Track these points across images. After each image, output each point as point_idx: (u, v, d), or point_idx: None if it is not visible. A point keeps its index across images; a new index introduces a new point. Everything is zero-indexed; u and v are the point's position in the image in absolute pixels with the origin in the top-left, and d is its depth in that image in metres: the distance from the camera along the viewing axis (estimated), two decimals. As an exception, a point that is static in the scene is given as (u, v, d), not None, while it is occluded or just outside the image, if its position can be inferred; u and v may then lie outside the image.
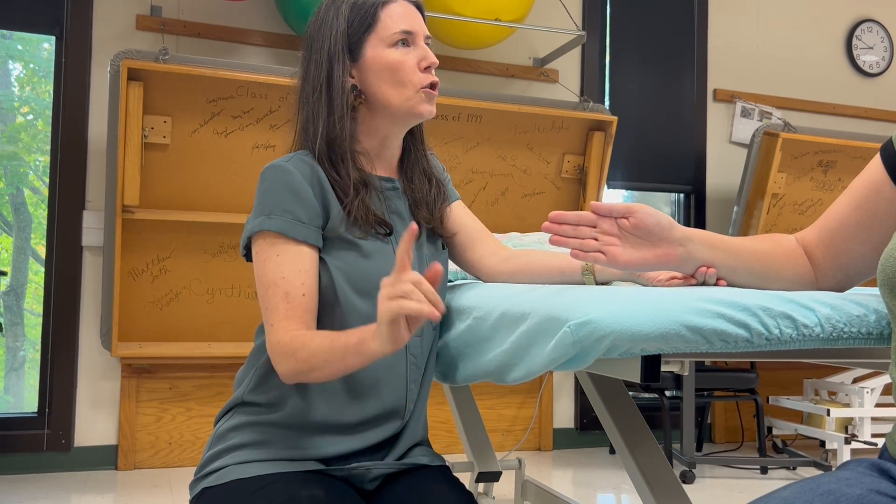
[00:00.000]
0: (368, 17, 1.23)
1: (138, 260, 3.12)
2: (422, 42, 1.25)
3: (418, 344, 1.25)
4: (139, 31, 3.29)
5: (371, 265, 1.19)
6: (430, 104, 1.24)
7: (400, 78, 1.22)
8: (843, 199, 1.05)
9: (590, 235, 1.01)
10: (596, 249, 1.00)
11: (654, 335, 0.84)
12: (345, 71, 1.23)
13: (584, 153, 3.66)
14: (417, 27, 1.24)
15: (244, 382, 1.23)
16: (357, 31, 1.23)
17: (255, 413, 1.19)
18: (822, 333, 0.91)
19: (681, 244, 1.00)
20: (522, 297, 1.05)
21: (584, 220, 1.00)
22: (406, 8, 1.25)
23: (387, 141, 1.27)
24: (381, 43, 1.22)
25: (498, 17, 3.37)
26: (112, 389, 3.23)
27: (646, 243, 1.00)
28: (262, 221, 1.16)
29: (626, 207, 1.01)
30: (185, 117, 3.05)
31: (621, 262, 0.99)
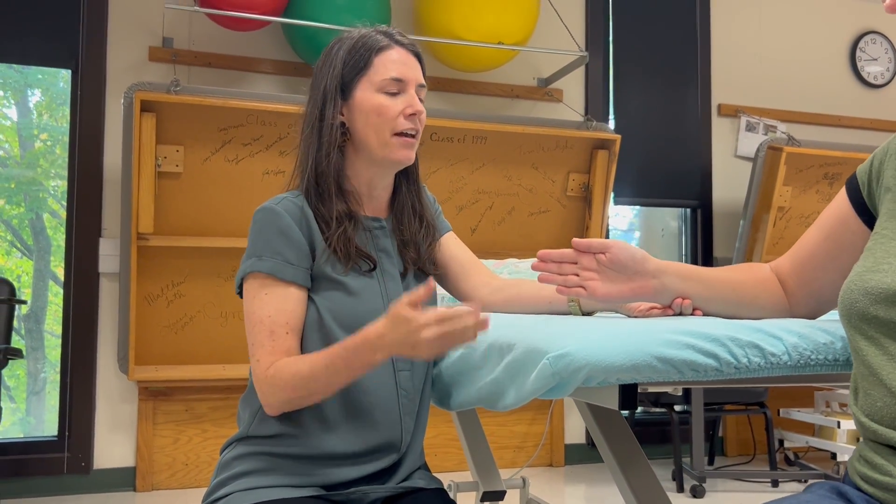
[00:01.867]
0: (363, 60, 1.27)
1: (153, 285, 3.20)
2: (412, 90, 1.28)
3: (409, 378, 1.28)
4: (152, 62, 3.39)
5: (357, 303, 1.23)
6: (407, 150, 1.28)
7: (382, 122, 1.26)
8: (813, 231, 1.09)
9: (572, 271, 1.08)
10: (577, 284, 1.07)
11: (627, 366, 0.89)
12: (335, 109, 1.27)
13: (588, 171, 3.71)
14: (409, 75, 1.28)
15: (246, 419, 1.28)
16: (351, 73, 1.27)
17: (258, 444, 1.24)
18: (790, 361, 0.95)
19: (654, 276, 1.06)
20: (509, 328, 1.10)
21: (567, 257, 1.08)
22: (401, 55, 1.28)
23: (373, 181, 1.32)
24: (371, 86, 1.26)
25: (501, 40, 3.44)
26: (129, 412, 3.31)
27: (622, 276, 1.06)
28: (253, 263, 1.22)
29: (602, 244, 1.07)
30: (197, 146, 3.14)
31: (600, 295, 1.07)
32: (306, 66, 3.54)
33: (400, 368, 1.27)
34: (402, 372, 1.27)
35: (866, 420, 0.89)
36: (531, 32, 3.57)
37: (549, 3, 3.73)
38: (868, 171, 1.03)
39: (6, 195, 3.63)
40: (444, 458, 3.69)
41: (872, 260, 0.92)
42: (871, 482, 0.88)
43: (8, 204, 3.64)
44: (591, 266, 1.07)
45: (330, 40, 3.47)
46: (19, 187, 3.63)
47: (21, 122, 3.68)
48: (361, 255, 1.26)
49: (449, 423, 3.70)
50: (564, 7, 3.93)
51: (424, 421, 1.33)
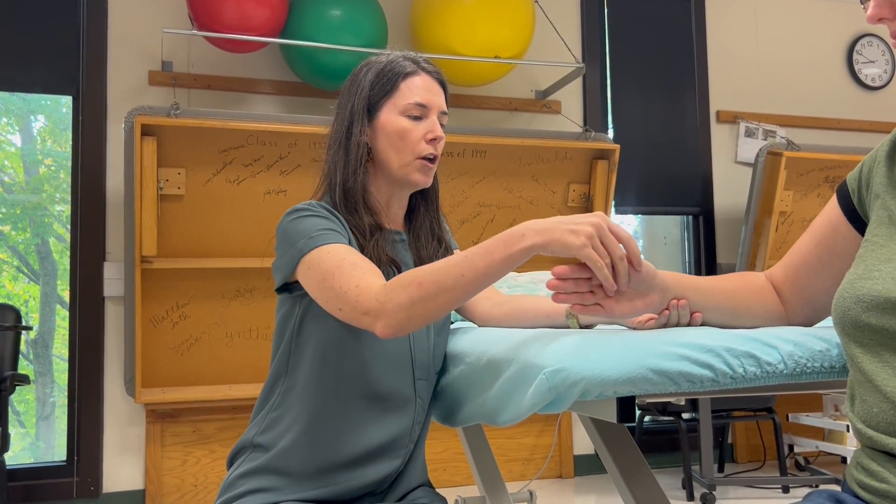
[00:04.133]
0: (390, 83, 1.32)
1: (158, 307, 3.22)
2: (434, 116, 1.33)
3: (425, 388, 1.32)
4: (152, 86, 3.42)
5: None
6: (423, 175, 1.33)
7: (403, 145, 1.31)
8: (805, 238, 1.10)
9: (587, 289, 1.04)
10: (593, 303, 1.04)
11: (622, 380, 0.90)
12: (362, 129, 1.33)
13: (588, 182, 3.72)
14: (433, 101, 1.33)
15: (255, 422, 1.29)
16: (377, 95, 1.32)
17: (262, 456, 1.25)
18: (786, 370, 0.96)
19: (660, 290, 1.06)
20: (506, 343, 1.11)
21: (582, 274, 1.03)
22: (427, 82, 1.34)
23: (391, 199, 1.37)
24: (395, 109, 1.31)
25: (498, 54, 3.46)
26: (137, 435, 3.31)
27: (633, 292, 1.05)
28: (305, 242, 1.20)
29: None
30: (199, 168, 3.16)
31: (617, 315, 1.04)
32: (305, 85, 3.56)
33: (419, 377, 1.29)
34: (420, 381, 1.30)
35: (863, 427, 0.89)
36: (528, 45, 3.59)
37: (545, 16, 3.75)
38: (858, 178, 1.04)
39: (12, 221, 3.65)
40: (453, 472, 3.69)
41: (864, 267, 0.92)
42: (868, 489, 0.88)
43: (14, 230, 3.67)
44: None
45: (327, 60, 3.51)
46: (25, 212, 3.66)
47: (25, 147, 3.72)
48: (393, 263, 1.29)
49: (455, 437, 3.70)
50: (560, 19, 3.95)
51: (426, 435, 1.34)
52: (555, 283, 1.01)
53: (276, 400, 1.27)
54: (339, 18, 3.24)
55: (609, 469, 1.44)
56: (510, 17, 3.45)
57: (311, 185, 3.49)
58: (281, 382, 1.28)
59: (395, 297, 1.07)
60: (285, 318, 1.30)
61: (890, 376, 0.86)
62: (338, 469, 1.24)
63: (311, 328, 1.26)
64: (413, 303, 1.06)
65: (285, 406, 1.26)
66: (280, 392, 1.28)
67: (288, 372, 1.28)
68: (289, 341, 1.28)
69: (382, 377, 1.26)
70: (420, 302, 1.06)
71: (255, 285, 3.33)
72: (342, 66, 3.33)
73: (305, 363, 1.26)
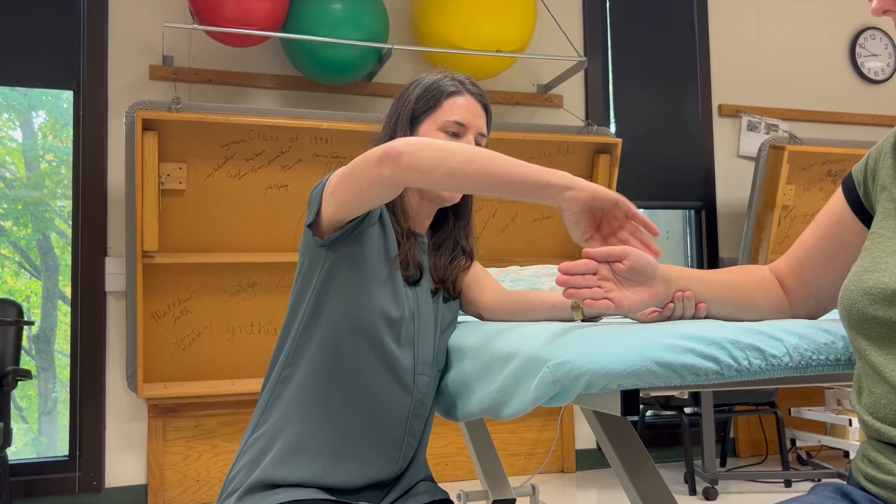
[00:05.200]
0: (434, 100, 1.38)
1: (160, 302, 3.21)
2: (471, 136, 1.36)
3: (426, 383, 1.31)
4: (153, 80, 3.41)
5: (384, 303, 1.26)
6: (453, 192, 1.36)
7: None
8: (810, 230, 1.09)
9: (595, 283, 1.04)
10: (602, 297, 1.03)
11: (627, 372, 0.89)
12: (404, 137, 1.35)
13: (590, 176, 3.71)
14: (472, 122, 1.36)
15: (263, 399, 1.31)
16: (421, 109, 1.38)
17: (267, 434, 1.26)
18: (791, 362, 0.95)
19: (663, 282, 1.05)
20: (510, 337, 1.10)
21: (590, 268, 1.03)
22: (469, 103, 1.37)
23: (420, 209, 1.40)
24: (434, 125, 1.36)
25: (499, 48, 3.45)
26: (140, 430, 3.32)
27: (638, 284, 1.04)
28: (332, 174, 1.24)
29: (619, 251, 1.04)
30: (200, 163, 3.15)
31: (626, 308, 1.03)
32: (306, 80, 3.55)
33: (420, 372, 1.29)
34: (421, 376, 1.30)
35: (870, 419, 0.89)
36: (529, 39, 3.58)
37: (547, 10, 3.74)
38: (864, 170, 1.03)
39: (13, 216, 3.65)
40: (455, 466, 3.69)
41: (870, 259, 0.92)
42: (874, 482, 0.88)
43: (15, 225, 3.67)
44: (609, 276, 1.04)
45: (328, 54, 3.51)
46: (26, 208, 3.66)
47: (26, 143, 3.71)
48: (419, 268, 1.34)
49: (458, 431, 3.70)
50: (562, 13, 3.94)
51: (429, 431, 1.34)
52: (564, 278, 1.01)
53: (286, 368, 1.27)
54: (340, 12, 3.23)
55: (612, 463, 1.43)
56: (512, 10, 3.44)
57: (312, 179, 3.50)
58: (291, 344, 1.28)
59: (417, 147, 1.12)
60: (307, 280, 1.30)
61: None
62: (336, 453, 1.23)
63: (329, 297, 1.26)
64: (430, 144, 1.10)
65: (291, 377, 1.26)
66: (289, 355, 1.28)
67: (301, 335, 1.27)
68: (306, 304, 1.28)
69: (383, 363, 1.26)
70: (435, 159, 1.10)
71: (257, 280, 3.33)
72: (343, 61, 3.32)
73: (320, 330, 1.26)
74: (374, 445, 1.26)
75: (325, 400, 1.24)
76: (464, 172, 1.09)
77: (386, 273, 1.28)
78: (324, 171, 3.32)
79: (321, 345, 1.25)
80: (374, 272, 1.26)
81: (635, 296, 1.03)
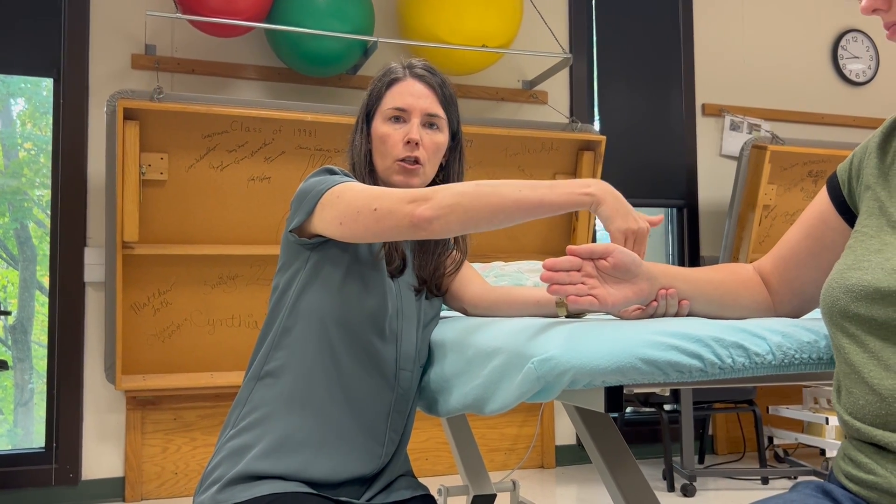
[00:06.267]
0: (378, 92, 1.38)
1: (139, 294, 3.18)
2: (415, 119, 1.35)
3: (408, 378, 1.31)
4: (134, 69, 3.37)
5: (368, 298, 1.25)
6: (403, 176, 1.34)
7: (384, 150, 1.35)
8: (795, 229, 1.10)
9: (579, 280, 1.04)
10: (586, 293, 1.03)
11: (612, 369, 0.89)
12: (363, 137, 1.39)
13: (574, 173, 3.71)
14: (413, 105, 1.35)
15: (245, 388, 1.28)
16: (371, 104, 1.39)
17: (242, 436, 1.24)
18: (774, 360, 0.96)
19: (647, 278, 1.05)
20: (493, 332, 1.10)
21: (574, 265, 1.03)
22: (410, 87, 1.36)
23: None
24: (381, 116, 1.37)
25: (485, 43, 3.44)
26: (117, 422, 3.28)
27: (622, 281, 1.04)
28: (333, 180, 1.22)
29: (603, 249, 1.04)
30: (182, 153, 3.12)
31: (610, 304, 1.03)
32: (290, 71, 3.53)
33: (402, 367, 1.29)
34: (403, 371, 1.29)
35: (849, 418, 0.89)
36: (515, 35, 3.57)
37: (533, 6, 3.73)
38: (848, 170, 1.04)
39: (-10, 205, 3.60)
40: (436, 461, 3.69)
41: (853, 258, 0.92)
42: (855, 481, 0.88)
43: (-8, 214, 3.61)
44: (593, 273, 1.04)
45: (313, 46, 3.49)
46: (3, 197, 3.60)
47: (4, 131, 3.66)
48: (401, 257, 1.33)
49: (439, 426, 3.70)
50: (547, 9, 3.94)
51: (411, 427, 1.33)
52: (548, 274, 1.01)
53: (268, 363, 1.26)
54: (326, 4, 3.21)
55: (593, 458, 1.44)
56: (498, 6, 3.44)
57: (295, 171, 3.47)
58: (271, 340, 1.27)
59: (442, 190, 1.11)
60: (289, 276, 1.28)
61: (876, 368, 0.86)
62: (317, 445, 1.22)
63: (313, 291, 1.25)
64: (459, 196, 1.09)
65: (273, 372, 1.25)
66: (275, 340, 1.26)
67: (280, 331, 1.26)
68: (287, 299, 1.27)
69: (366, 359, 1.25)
70: (465, 197, 1.09)
71: (238, 273, 3.31)
72: (328, 53, 3.30)
73: (300, 324, 1.25)
74: (357, 440, 1.25)
75: (307, 394, 1.23)
76: (493, 221, 1.10)
77: (370, 267, 1.27)
78: (307, 163, 3.30)
79: (304, 340, 1.24)
80: (359, 268, 1.26)
81: (619, 293, 1.03)
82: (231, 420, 1.27)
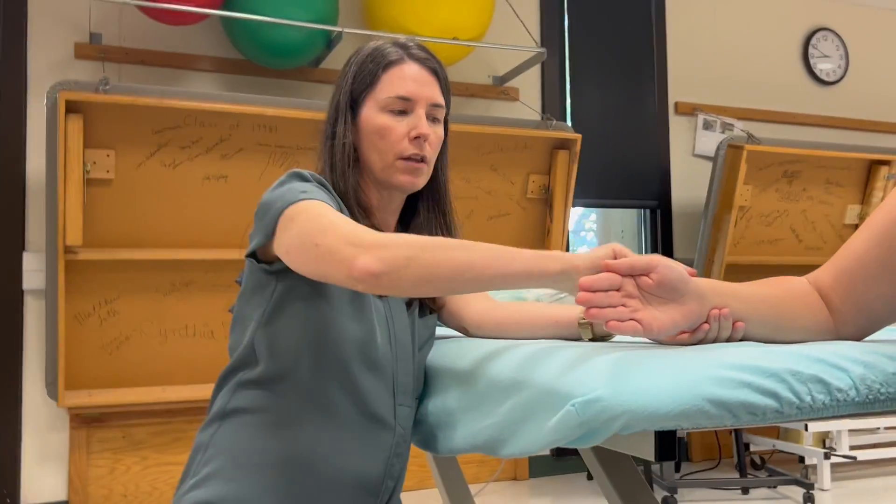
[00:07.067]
0: (370, 75, 1.18)
1: (84, 303, 2.94)
2: (420, 110, 1.16)
3: (407, 415, 1.13)
4: (78, 59, 3.13)
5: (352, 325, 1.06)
6: (410, 176, 1.16)
7: (384, 145, 1.16)
8: (861, 235, 0.94)
9: (620, 302, 0.86)
10: (629, 318, 0.86)
11: (675, 413, 0.72)
12: (346, 128, 1.17)
13: (549, 172, 3.56)
14: (419, 94, 1.16)
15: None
16: (359, 89, 1.19)
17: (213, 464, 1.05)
18: (858, 397, 0.80)
19: (697, 298, 0.88)
20: (511, 360, 0.92)
21: (613, 283, 0.87)
22: (412, 72, 1.17)
23: (381, 204, 1.21)
24: (376, 105, 1.17)
25: (455, 35, 3.27)
26: (60, 441, 3.04)
27: (668, 301, 0.87)
28: (294, 195, 1.03)
29: (646, 263, 0.87)
30: (130, 150, 2.89)
31: (656, 331, 0.86)
32: (248, 63, 3.31)
33: (401, 402, 1.10)
34: (402, 407, 1.11)
35: None
36: (486, 28, 3.42)
37: None
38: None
39: (-84, 206, 3.30)
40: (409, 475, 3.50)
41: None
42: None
43: (-81, 216, 3.32)
44: (633, 292, 0.87)
45: (272, 35, 3.27)
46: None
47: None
48: None
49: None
50: (519, 3, 3.78)
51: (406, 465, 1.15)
52: (586, 296, 0.83)
53: (230, 407, 1.06)
54: (287, -9, 3.00)
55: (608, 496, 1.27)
56: (469, -3, 3.27)
57: (254, 170, 3.25)
58: (237, 379, 1.07)
59: (394, 239, 0.93)
60: (254, 304, 1.09)
61: None
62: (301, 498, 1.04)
63: (287, 322, 1.06)
64: (409, 256, 0.90)
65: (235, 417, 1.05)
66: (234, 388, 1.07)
67: (249, 368, 1.07)
68: (254, 333, 1.07)
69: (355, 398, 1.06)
70: (413, 259, 0.90)
71: (192, 279, 3.07)
72: (289, 43, 3.10)
73: (273, 363, 1.05)
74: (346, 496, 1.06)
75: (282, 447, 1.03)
76: (454, 284, 0.92)
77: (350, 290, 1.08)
78: (267, 161, 3.08)
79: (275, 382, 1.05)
80: (336, 291, 1.06)
81: (665, 315, 0.86)
82: (191, 468, 1.07)
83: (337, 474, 1.05)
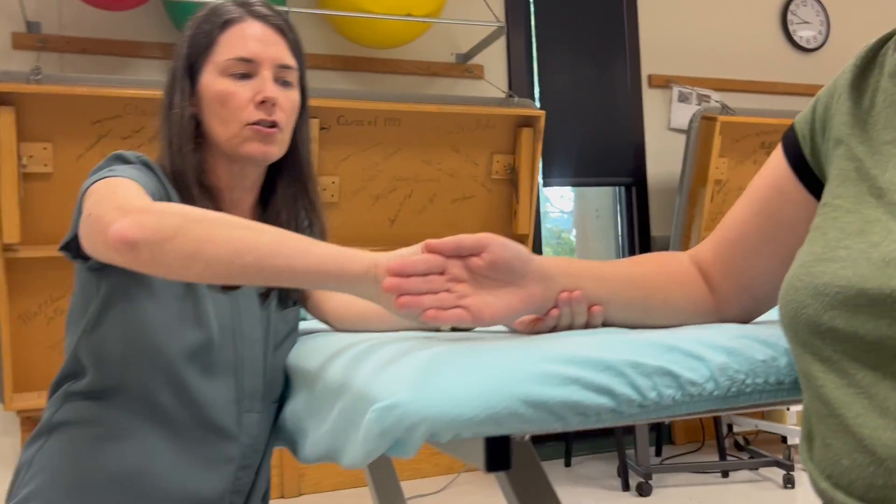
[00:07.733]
0: (207, 37, 1.06)
1: (29, 302, 2.84)
2: (266, 72, 1.04)
3: (257, 421, 1.02)
4: (16, 50, 3.02)
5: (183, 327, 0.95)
6: (260, 143, 1.03)
7: (227, 112, 1.04)
8: (741, 204, 0.82)
9: (443, 287, 0.75)
10: (454, 305, 0.74)
11: (481, 418, 0.61)
12: (184, 97, 1.05)
13: (513, 152, 3.44)
14: (261, 53, 1.04)
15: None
16: (195, 54, 1.07)
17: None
18: (717, 390, 0.68)
19: (541, 280, 0.77)
20: (344, 360, 0.81)
21: (433, 266, 0.75)
22: (253, 30, 1.05)
23: (232, 181, 1.08)
24: (215, 69, 1.06)
25: (410, 11, 3.14)
26: (10, 446, 2.95)
27: (505, 284, 0.75)
28: (99, 174, 0.94)
29: (475, 242, 0.75)
30: (68, 142, 2.78)
31: (487, 318, 0.75)
32: (196, 48, 3.19)
33: (248, 409, 0.99)
34: (249, 414, 0.99)
35: (827, 485, 0.60)
36: (444, 2, 3.28)
37: (463, -28, 3.44)
38: (810, 121, 0.76)
39: None
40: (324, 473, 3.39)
41: (823, 243, 0.64)
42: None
43: None
44: (462, 276, 0.75)
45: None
46: None
47: None
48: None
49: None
50: (480, -24, 3.64)
51: (266, 481, 1.04)
52: (394, 282, 0.72)
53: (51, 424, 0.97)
54: (228, -29, 2.87)
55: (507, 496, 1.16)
56: (423, -30, 3.14)
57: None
58: (64, 389, 0.97)
59: (168, 207, 0.82)
60: (79, 309, 1.00)
61: (867, 411, 0.56)
62: None
63: (112, 326, 0.95)
64: (195, 223, 0.78)
65: (55, 435, 0.95)
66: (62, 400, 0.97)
67: (75, 380, 0.97)
68: (77, 341, 0.97)
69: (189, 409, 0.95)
70: (180, 231, 0.77)
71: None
72: (234, 26, 2.98)
73: (99, 373, 0.95)
74: None
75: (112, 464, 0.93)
76: (230, 269, 0.77)
77: (182, 286, 0.96)
78: (215, 149, 2.97)
79: (104, 393, 0.95)
80: (165, 287, 0.95)
81: (500, 301, 0.74)
82: (12, 488, 0.97)
83: (173, 491, 0.95)
